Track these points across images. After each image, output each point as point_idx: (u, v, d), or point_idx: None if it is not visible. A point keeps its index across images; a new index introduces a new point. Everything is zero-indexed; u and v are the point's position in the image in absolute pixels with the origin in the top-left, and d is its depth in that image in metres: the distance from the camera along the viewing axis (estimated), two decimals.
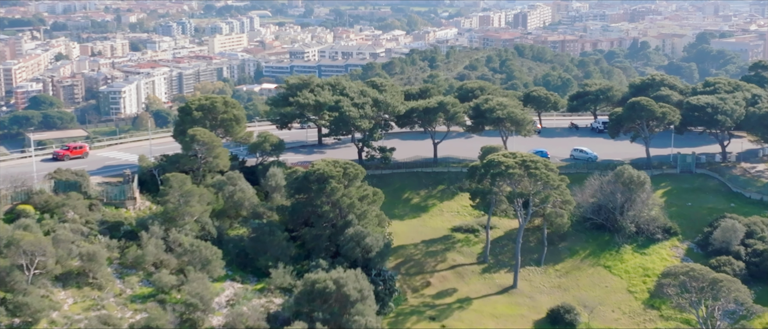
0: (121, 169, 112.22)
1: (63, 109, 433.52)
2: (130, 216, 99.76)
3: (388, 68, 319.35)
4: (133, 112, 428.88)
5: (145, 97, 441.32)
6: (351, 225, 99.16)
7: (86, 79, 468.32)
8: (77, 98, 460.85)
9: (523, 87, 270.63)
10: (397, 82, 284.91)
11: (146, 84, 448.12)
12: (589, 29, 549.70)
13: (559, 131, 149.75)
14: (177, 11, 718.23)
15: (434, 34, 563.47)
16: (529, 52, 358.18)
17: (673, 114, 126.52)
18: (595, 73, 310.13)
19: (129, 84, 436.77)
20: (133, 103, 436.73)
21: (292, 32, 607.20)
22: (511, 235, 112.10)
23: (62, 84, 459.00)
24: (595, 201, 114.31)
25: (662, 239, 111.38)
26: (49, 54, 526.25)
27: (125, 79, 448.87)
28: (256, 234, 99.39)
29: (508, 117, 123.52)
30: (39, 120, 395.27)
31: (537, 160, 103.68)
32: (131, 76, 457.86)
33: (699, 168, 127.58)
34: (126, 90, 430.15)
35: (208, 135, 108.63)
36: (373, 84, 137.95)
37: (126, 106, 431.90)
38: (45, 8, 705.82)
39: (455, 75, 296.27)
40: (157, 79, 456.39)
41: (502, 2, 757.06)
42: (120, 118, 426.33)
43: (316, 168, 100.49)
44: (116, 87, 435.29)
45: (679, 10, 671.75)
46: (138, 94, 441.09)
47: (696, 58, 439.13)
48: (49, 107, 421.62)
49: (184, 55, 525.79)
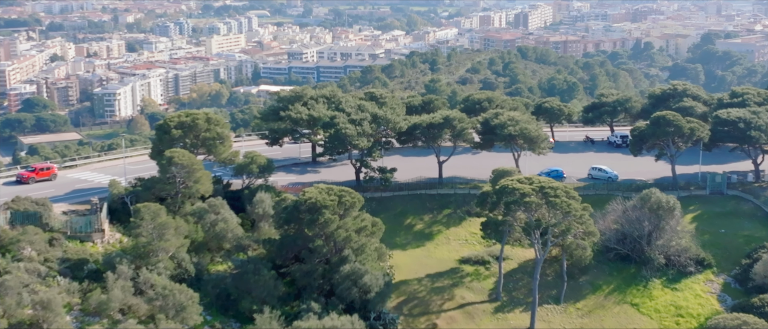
0: (92, 194, 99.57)
1: (57, 111, 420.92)
2: (96, 252, 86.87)
3: (387, 71, 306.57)
4: (128, 114, 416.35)
5: (140, 99, 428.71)
6: (347, 262, 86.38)
7: (81, 80, 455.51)
8: (72, 100, 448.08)
9: (528, 91, 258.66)
10: (397, 85, 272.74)
11: (142, 86, 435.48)
12: (591, 29, 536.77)
13: (574, 145, 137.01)
14: (175, 11, 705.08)
15: (434, 35, 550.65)
16: (533, 54, 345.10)
17: (701, 130, 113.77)
18: (601, 76, 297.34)
19: (124, 86, 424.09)
20: (128, 105, 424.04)
21: (291, 33, 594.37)
22: (526, 268, 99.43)
23: (56, 86, 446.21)
24: (619, 227, 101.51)
25: (695, 272, 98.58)
26: (45, 55, 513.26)
27: (120, 81, 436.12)
28: (240, 273, 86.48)
29: (520, 134, 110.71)
30: (32, 123, 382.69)
31: (556, 186, 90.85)
32: (127, 77, 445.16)
33: (730, 189, 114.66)
34: (121, 92, 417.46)
35: (187, 157, 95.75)
36: (372, 96, 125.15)
37: (121, 108, 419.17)
38: (42, 8, 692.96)
39: (457, 78, 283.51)
40: (152, 81, 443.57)
41: (503, 2, 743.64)
42: (115, 121, 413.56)
43: (308, 196, 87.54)
44: (111, 89, 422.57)
45: (681, 9, 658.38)
46: (133, 96, 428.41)
47: (701, 59, 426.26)
48: (42, 110, 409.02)
49: (181, 56, 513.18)
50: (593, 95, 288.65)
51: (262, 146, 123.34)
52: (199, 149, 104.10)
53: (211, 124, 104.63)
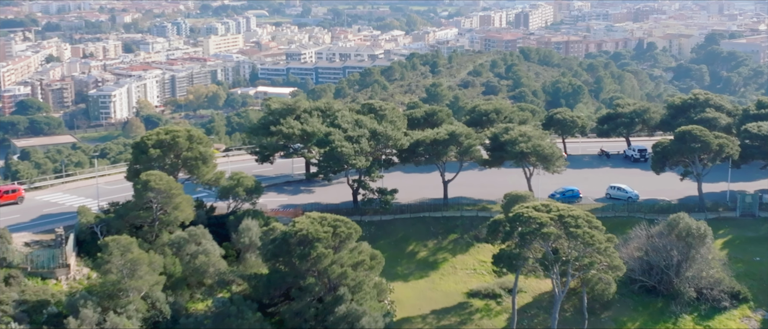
0: (62, 220, 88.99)
1: (51, 113, 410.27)
2: (59, 291, 76.22)
3: (387, 73, 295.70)
4: (124, 116, 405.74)
5: (136, 101, 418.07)
6: (342, 302, 75.75)
7: (76, 82, 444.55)
8: (67, 102, 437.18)
9: (532, 95, 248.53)
10: (397, 89, 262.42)
11: (138, 87, 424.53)
12: (593, 29, 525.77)
13: (588, 160, 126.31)
14: (173, 11, 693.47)
15: (434, 35, 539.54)
16: (535, 56, 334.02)
17: (731, 146, 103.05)
18: (606, 79, 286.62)
19: (119, 87, 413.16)
20: (123, 107, 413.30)
21: (289, 33, 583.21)
22: (542, 301, 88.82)
23: (51, 87, 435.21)
24: (643, 256, 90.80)
25: (729, 307, 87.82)
26: (40, 56, 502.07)
27: (116, 83, 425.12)
28: (221, 314, 75.78)
29: (533, 151, 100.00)
30: (25, 126, 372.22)
31: (577, 215, 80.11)
32: (122, 79, 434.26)
33: (762, 210, 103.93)
34: (116, 94, 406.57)
35: (166, 180, 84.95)
36: (371, 108, 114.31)
37: (116, 110, 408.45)
38: (39, 8, 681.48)
39: (459, 81, 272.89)
40: (149, 82, 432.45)
41: (502, 1, 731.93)
42: (110, 123, 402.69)
43: (299, 228, 76.80)
44: (106, 91, 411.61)
45: (682, 9, 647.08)
46: (129, 97, 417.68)
47: (706, 59, 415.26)
48: (36, 112, 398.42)
49: (178, 56, 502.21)
50: (598, 98, 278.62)
51: (252, 162, 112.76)
52: (180, 170, 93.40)
53: (194, 143, 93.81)
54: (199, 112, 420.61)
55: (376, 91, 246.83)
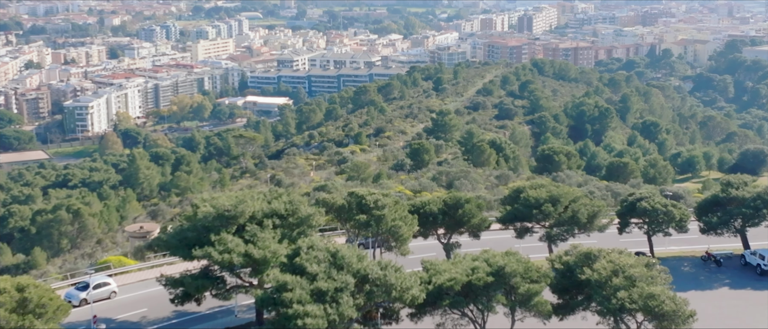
0: None
1: (24, 127, 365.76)
2: None
3: (385, 91, 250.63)
4: (102, 129, 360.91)
5: (115, 113, 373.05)
6: None
7: (53, 91, 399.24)
8: (43, 113, 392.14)
9: (554, 120, 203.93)
10: (397, 112, 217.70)
11: (118, 97, 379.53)
12: (601, 34, 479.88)
13: (687, 268, 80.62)
14: (164, 13, 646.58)
15: (434, 40, 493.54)
16: (550, 69, 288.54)
17: None
18: (633, 97, 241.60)
19: (98, 98, 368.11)
20: (102, 119, 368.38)
21: (283, 36, 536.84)
22: None
23: (26, 97, 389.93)
24: None
25: None
26: (19, 61, 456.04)
27: (95, 93, 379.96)
28: None
29: (644, 307, 54.83)
30: None
31: None
32: (102, 88, 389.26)
33: None
34: (94, 105, 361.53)
35: None
36: (360, 202, 69.24)
37: (94, 122, 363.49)
38: (26, 10, 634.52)
39: (467, 102, 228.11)
40: (130, 92, 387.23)
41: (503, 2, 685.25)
42: (86, 137, 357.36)
43: None
44: (83, 101, 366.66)
45: (690, 11, 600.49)
46: (108, 108, 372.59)
47: (727, 68, 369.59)
48: (7, 124, 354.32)
49: (164, 63, 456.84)
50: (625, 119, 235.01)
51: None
52: None
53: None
54: (183, 124, 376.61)
55: (372, 115, 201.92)
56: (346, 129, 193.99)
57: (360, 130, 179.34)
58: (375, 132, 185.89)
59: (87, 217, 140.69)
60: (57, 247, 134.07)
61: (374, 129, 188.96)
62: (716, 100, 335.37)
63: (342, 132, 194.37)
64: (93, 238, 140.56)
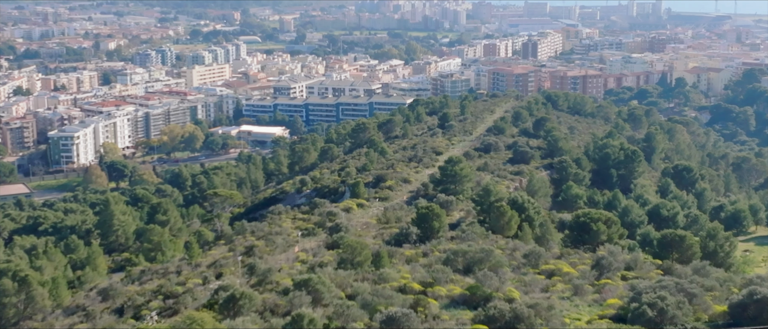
0: None
1: (8, 157, 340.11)
2: None
3: (386, 128, 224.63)
4: (88, 160, 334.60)
5: (102, 143, 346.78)
6: None
7: (39, 119, 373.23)
8: (28, 142, 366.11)
9: (576, 166, 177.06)
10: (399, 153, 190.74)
11: (106, 127, 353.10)
12: (609, 60, 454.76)
13: None
14: (161, 37, 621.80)
15: (436, 66, 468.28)
16: (564, 103, 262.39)
17: None
18: (659, 135, 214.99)
19: (85, 127, 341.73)
20: (89, 149, 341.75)
21: (281, 62, 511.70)
22: None
23: (10, 126, 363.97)
24: None
25: None
26: (8, 87, 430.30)
27: (82, 122, 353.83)
28: None
29: None
30: None
31: None
32: (91, 116, 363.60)
33: None
34: (80, 135, 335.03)
35: None
36: None
37: (79, 153, 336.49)
38: (21, 33, 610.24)
39: (477, 142, 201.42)
40: (119, 121, 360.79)
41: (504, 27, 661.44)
42: (71, 169, 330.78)
43: None
44: (69, 131, 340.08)
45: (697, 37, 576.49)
46: (95, 138, 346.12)
47: (746, 99, 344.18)
48: None
49: (157, 89, 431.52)
50: (651, 161, 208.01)
51: None
52: None
53: None
54: (174, 155, 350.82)
55: (372, 158, 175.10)
56: (342, 173, 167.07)
57: (358, 178, 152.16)
58: (374, 180, 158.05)
59: (36, 287, 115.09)
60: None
61: (374, 176, 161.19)
62: (737, 133, 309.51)
63: (338, 177, 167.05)
64: (42, 313, 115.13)
